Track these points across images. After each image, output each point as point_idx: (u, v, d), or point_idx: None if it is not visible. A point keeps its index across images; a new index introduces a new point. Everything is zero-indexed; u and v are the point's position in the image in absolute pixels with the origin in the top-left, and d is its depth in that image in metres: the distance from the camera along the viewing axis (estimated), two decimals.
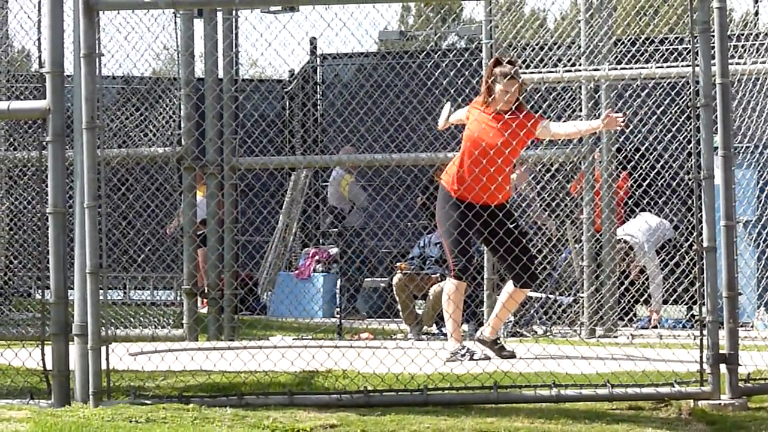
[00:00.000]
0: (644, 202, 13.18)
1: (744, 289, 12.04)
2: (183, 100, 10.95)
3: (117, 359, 7.44)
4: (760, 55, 11.11)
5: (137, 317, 11.15)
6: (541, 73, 11.27)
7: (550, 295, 12.47)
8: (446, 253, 9.03)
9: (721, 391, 6.93)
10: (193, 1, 10.26)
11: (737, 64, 10.77)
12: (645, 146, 12.68)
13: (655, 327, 12.76)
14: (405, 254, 13.94)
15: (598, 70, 11.34)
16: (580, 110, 11.61)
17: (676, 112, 11.73)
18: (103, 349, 6.93)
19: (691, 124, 7.16)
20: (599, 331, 11.69)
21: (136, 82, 12.63)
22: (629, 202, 12.98)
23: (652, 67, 11.08)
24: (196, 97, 10.88)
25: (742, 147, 11.62)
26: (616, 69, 11.28)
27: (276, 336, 11.36)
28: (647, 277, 12.55)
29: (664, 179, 12.32)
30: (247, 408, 6.72)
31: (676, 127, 11.58)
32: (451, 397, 6.94)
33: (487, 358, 8.78)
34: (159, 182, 11.65)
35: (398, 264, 12.52)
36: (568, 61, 11.59)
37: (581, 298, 11.77)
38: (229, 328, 11.18)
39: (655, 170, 12.17)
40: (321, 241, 17.76)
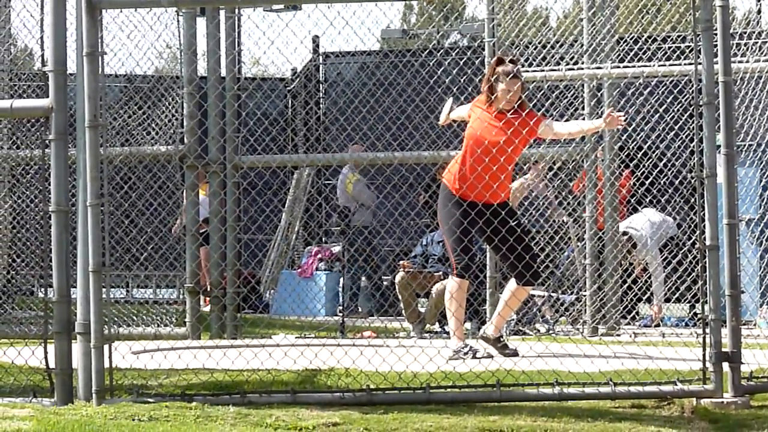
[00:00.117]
0: (647, 200, 13.17)
1: (746, 287, 12.03)
2: (186, 99, 10.95)
3: (120, 357, 7.44)
4: (762, 53, 11.10)
5: (140, 315, 11.15)
6: (543, 71, 11.26)
7: (553, 294, 12.48)
8: (448, 252, 9.03)
9: (724, 389, 6.93)
10: (195, 0, 10.28)
11: (740, 62, 10.77)
12: (648, 144, 12.67)
13: (658, 325, 12.76)
14: (408, 252, 13.93)
15: (600, 68, 11.33)
16: (583, 108, 11.60)
17: (678, 111, 11.72)
18: (106, 347, 6.94)
19: (693, 123, 7.17)
20: (602, 329, 11.68)
21: (139, 81, 12.63)
22: (632, 201, 12.97)
23: (654, 66, 11.08)
24: (198, 95, 10.87)
25: (745, 145, 11.62)
26: (619, 67, 11.28)
27: (279, 334, 11.36)
28: (650, 275, 12.54)
29: (666, 177, 12.31)
30: (249, 406, 6.72)
31: (678, 125, 11.57)
32: (453, 396, 6.94)
33: (490, 357, 8.78)
34: (161, 180, 11.65)
35: (401, 262, 12.51)
36: (571, 59, 11.58)
37: (584, 296, 11.77)
38: (231, 327, 11.18)
39: (658, 168, 12.16)
40: (324, 239, 17.77)
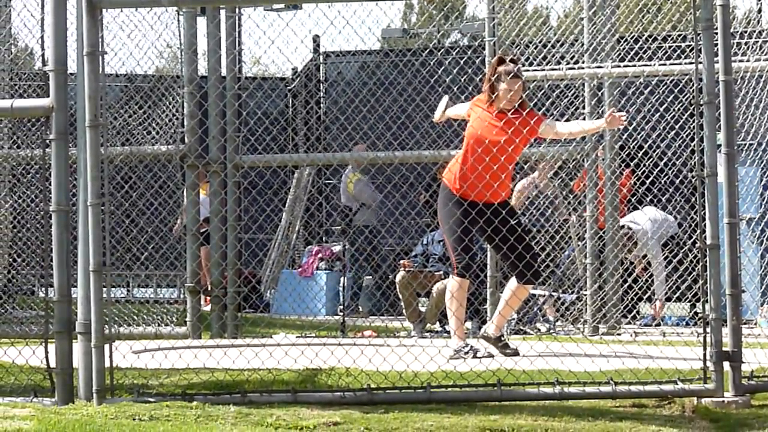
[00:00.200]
0: (647, 199, 13.17)
1: (747, 286, 12.03)
2: (186, 98, 10.94)
3: (120, 357, 7.45)
4: (763, 52, 11.10)
5: (140, 315, 11.15)
6: (544, 70, 11.26)
7: (554, 293, 12.48)
8: (449, 251, 9.02)
9: (725, 388, 6.93)
10: None
11: (740, 61, 10.76)
12: (648, 144, 12.67)
13: (659, 324, 12.75)
14: (408, 252, 13.93)
15: (601, 67, 11.33)
16: (583, 108, 11.60)
17: (679, 110, 11.72)
18: (107, 346, 6.94)
19: (694, 122, 7.17)
20: (603, 328, 11.68)
21: (139, 80, 12.63)
22: (632, 200, 12.97)
23: (655, 65, 11.07)
24: (199, 94, 10.88)
25: (746, 144, 11.62)
26: (619, 66, 11.28)
27: (279, 334, 11.36)
28: (651, 274, 12.54)
29: (667, 177, 12.31)
30: (250, 406, 6.72)
31: (679, 125, 11.56)
32: (454, 395, 6.94)
33: (491, 356, 8.78)
34: (162, 180, 11.65)
35: (401, 261, 12.51)
36: (571, 58, 11.58)
37: (584, 295, 11.77)
38: (232, 326, 11.18)
39: (659, 168, 12.16)
40: (324, 238, 17.77)
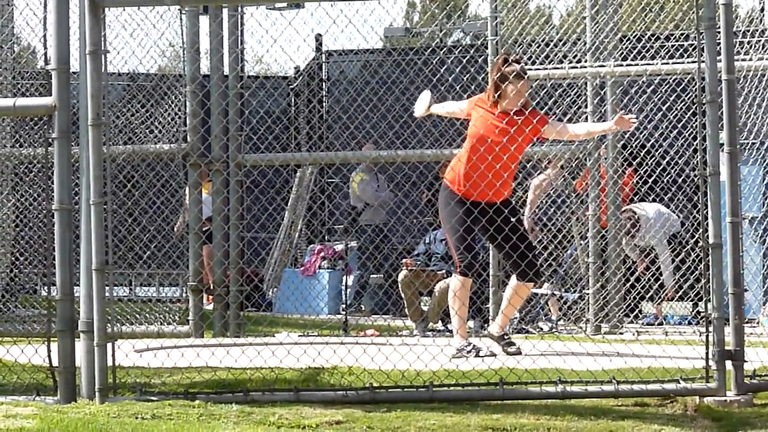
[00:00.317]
0: (650, 198, 13.17)
1: (749, 285, 12.03)
2: (188, 97, 10.95)
3: (123, 356, 7.45)
4: (765, 51, 11.09)
5: (143, 314, 11.15)
6: (546, 69, 11.26)
7: (556, 292, 12.48)
8: (451, 250, 9.02)
9: (727, 387, 6.93)
10: None
11: (743, 60, 10.76)
12: (650, 143, 12.67)
13: (661, 324, 12.75)
14: (411, 251, 13.93)
15: (603, 66, 11.33)
16: (586, 107, 11.60)
17: (681, 109, 11.72)
18: (109, 345, 6.94)
19: (696, 121, 7.16)
20: (605, 327, 11.68)
21: (142, 79, 12.62)
22: (635, 199, 12.96)
23: (657, 64, 11.07)
24: (201, 93, 10.88)
25: (748, 143, 11.61)
26: (622, 65, 11.27)
27: (281, 333, 11.36)
28: (653, 273, 12.53)
29: (669, 176, 12.30)
30: (252, 404, 6.73)
31: (681, 124, 11.56)
32: (456, 394, 6.94)
33: (493, 355, 8.78)
34: (165, 179, 11.65)
35: (404, 260, 12.51)
36: (574, 57, 11.57)
37: (587, 294, 11.77)
38: (234, 325, 11.19)
39: (661, 167, 12.15)
40: (327, 237, 17.77)
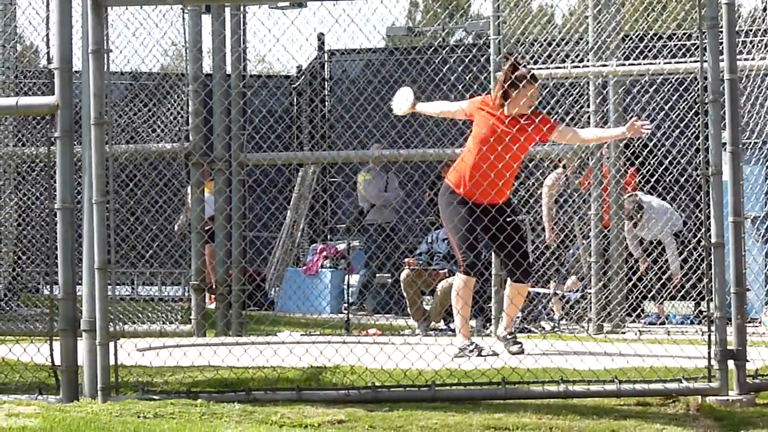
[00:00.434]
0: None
1: (752, 285, 12.03)
2: (191, 96, 10.95)
3: (125, 355, 7.45)
4: None
5: (145, 313, 11.15)
6: (549, 68, 11.26)
7: (558, 291, 12.47)
8: (454, 250, 9.02)
9: (729, 387, 6.93)
10: None
11: (745, 59, 10.75)
12: (653, 142, 12.66)
13: (663, 323, 12.75)
14: (413, 250, 13.93)
15: (606, 66, 11.32)
16: (588, 106, 11.60)
17: (684, 108, 11.71)
18: (112, 344, 6.95)
19: (699, 120, 7.16)
20: (607, 326, 11.68)
21: (145, 78, 12.62)
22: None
23: (660, 63, 11.06)
24: (204, 93, 10.88)
25: (751, 143, 11.61)
26: (624, 65, 11.27)
27: (284, 332, 11.36)
28: (654, 273, 12.53)
29: (672, 175, 12.30)
30: (255, 404, 6.73)
31: (684, 123, 11.56)
32: (458, 393, 6.94)
33: (495, 354, 8.79)
34: (167, 178, 11.65)
35: (406, 260, 12.51)
36: (576, 56, 11.57)
37: (589, 293, 11.77)
38: (236, 324, 11.19)
39: (663, 166, 12.15)
40: (329, 236, 17.77)
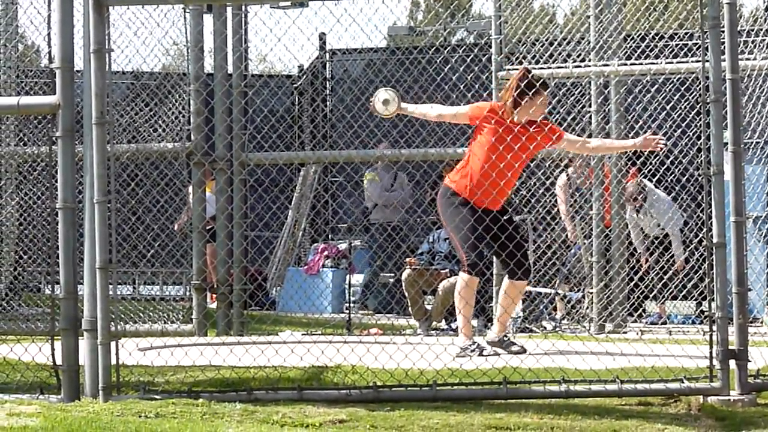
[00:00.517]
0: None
1: (753, 285, 12.03)
2: (192, 96, 10.95)
3: (126, 354, 7.46)
4: None
5: (147, 312, 11.15)
6: (550, 68, 11.26)
7: (559, 291, 12.47)
8: (457, 249, 9.02)
9: (731, 387, 6.92)
10: None
11: (747, 59, 10.75)
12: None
13: (665, 323, 12.75)
14: (414, 249, 13.94)
15: (607, 65, 11.32)
16: (590, 106, 11.60)
17: (685, 108, 11.71)
18: (113, 344, 6.94)
19: (700, 120, 7.15)
20: (609, 326, 11.68)
21: (146, 78, 12.62)
22: (638, 198, 12.95)
23: (661, 63, 11.06)
24: (205, 92, 10.88)
25: (752, 143, 11.60)
26: (626, 65, 11.26)
27: (285, 331, 11.36)
28: (655, 273, 12.52)
29: (673, 175, 12.30)
30: (256, 403, 6.73)
31: (685, 123, 11.55)
32: (460, 393, 6.94)
33: (497, 354, 8.80)
34: (168, 178, 11.66)
35: (408, 259, 12.51)
36: (578, 56, 11.57)
37: (590, 293, 11.76)
38: (238, 324, 11.19)
39: (665, 166, 12.14)
40: (330, 236, 17.77)
